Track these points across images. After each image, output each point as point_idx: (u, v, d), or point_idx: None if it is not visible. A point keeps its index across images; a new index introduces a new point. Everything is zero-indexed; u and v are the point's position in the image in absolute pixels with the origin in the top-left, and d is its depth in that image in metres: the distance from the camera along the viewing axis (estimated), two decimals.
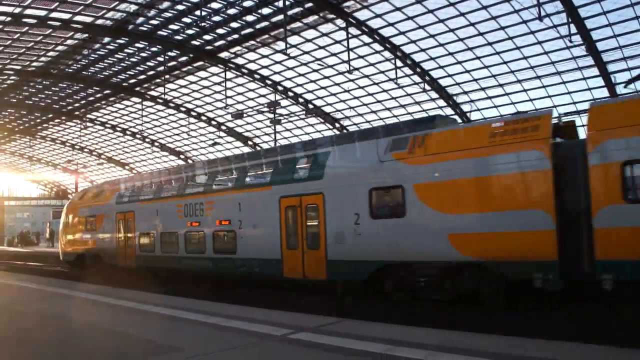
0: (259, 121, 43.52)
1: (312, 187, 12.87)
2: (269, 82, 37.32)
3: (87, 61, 35.49)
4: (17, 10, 26.42)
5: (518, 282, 9.67)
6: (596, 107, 9.66)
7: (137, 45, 32.97)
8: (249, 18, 29.07)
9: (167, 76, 36.88)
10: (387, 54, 31.68)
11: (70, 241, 23.49)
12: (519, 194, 9.78)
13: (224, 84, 36.37)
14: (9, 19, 26.91)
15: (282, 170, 14.28)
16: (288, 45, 28.15)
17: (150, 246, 18.27)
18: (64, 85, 40.93)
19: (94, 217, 21.67)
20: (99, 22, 29.15)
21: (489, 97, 34.11)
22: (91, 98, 44.04)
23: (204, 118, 45.34)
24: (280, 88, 37.97)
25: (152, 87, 40.64)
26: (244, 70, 35.96)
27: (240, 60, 34.93)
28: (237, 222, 14.79)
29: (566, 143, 10.35)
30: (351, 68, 30.84)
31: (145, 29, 30.53)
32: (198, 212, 16.29)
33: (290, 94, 38.57)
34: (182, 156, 54.51)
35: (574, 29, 25.07)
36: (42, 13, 27.22)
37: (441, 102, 35.56)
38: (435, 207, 10.71)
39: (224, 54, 33.99)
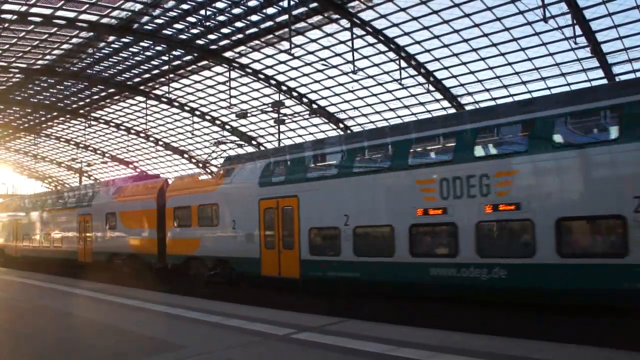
0: (263, 121, 43.57)
1: (88, 211, 22.85)
2: (273, 81, 37.36)
3: (92, 60, 35.56)
4: (24, 8, 26.57)
5: (149, 264, 18.59)
6: (174, 180, 20.07)
7: (141, 44, 33.06)
8: (254, 18, 29.10)
9: (171, 75, 36.97)
10: (391, 55, 31.66)
11: None
12: (148, 220, 18.97)
13: (228, 84, 36.40)
14: (15, 17, 27.04)
15: (79, 199, 24.58)
16: (292, 45, 28.18)
17: (28, 242, 28.16)
18: (69, 84, 41.09)
19: (2, 223, 31.74)
20: (104, 20, 29.27)
21: (493, 98, 34.03)
22: (96, 96, 44.18)
23: (208, 117, 45.42)
24: (284, 88, 38.00)
25: (157, 86, 40.73)
26: (248, 70, 36.00)
27: (244, 60, 34.98)
28: (63, 228, 24.97)
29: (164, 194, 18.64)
30: (355, 68, 30.81)
31: (150, 27, 30.62)
32: (50, 220, 26.31)
33: (295, 94, 38.60)
34: (185, 155, 54.62)
35: (579, 31, 25.00)
36: (48, 11, 27.36)
37: (445, 103, 35.53)
38: (125, 225, 20.41)
39: (228, 54, 34.05)
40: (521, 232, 10.09)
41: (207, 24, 29.81)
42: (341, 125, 41.81)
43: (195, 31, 31.05)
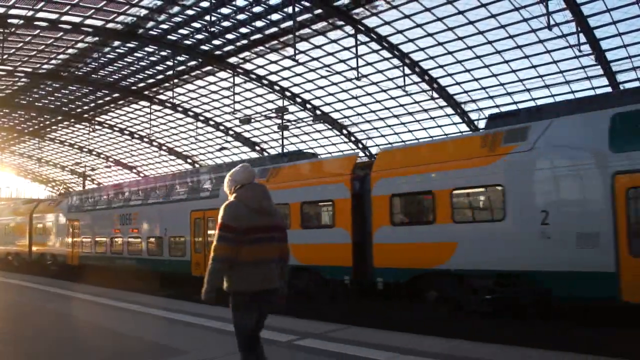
0: (266, 127, 43.63)
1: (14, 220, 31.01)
2: (277, 87, 37.44)
3: (96, 64, 35.75)
4: (30, 13, 26.72)
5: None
6: (41, 204, 28.55)
7: (146, 49, 33.20)
8: (258, 24, 29.19)
9: (175, 80, 37.03)
10: (395, 61, 31.70)
11: None
12: (24, 231, 27.48)
13: (232, 89, 36.52)
14: (21, 21, 27.20)
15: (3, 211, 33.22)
16: (297, 52, 28.23)
17: None
18: (74, 88, 41.23)
19: None
20: (110, 25, 29.38)
21: (497, 106, 34.03)
22: (100, 101, 44.36)
23: (211, 123, 45.50)
24: (288, 94, 38.08)
25: (161, 91, 40.84)
26: (252, 76, 36.09)
27: (248, 66, 35.08)
28: None
29: None
30: (359, 75, 30.85)
31: (155, 33, 30.74)
32: None
33: (298, 100, 38.67)
34: (189, 160, 54.71)
35: (583, 38, 24.99)
36: (54, 16, 27.50)
37: (449, 110, 35.52)
38: (15, 234, 28.80)
39: (232, 59, 34.15)
40: (149, 243, 18.57)
41: (212, 29, 29.86)
42: (344, 132, 41.85)
43: (200, 37, 31.18)
